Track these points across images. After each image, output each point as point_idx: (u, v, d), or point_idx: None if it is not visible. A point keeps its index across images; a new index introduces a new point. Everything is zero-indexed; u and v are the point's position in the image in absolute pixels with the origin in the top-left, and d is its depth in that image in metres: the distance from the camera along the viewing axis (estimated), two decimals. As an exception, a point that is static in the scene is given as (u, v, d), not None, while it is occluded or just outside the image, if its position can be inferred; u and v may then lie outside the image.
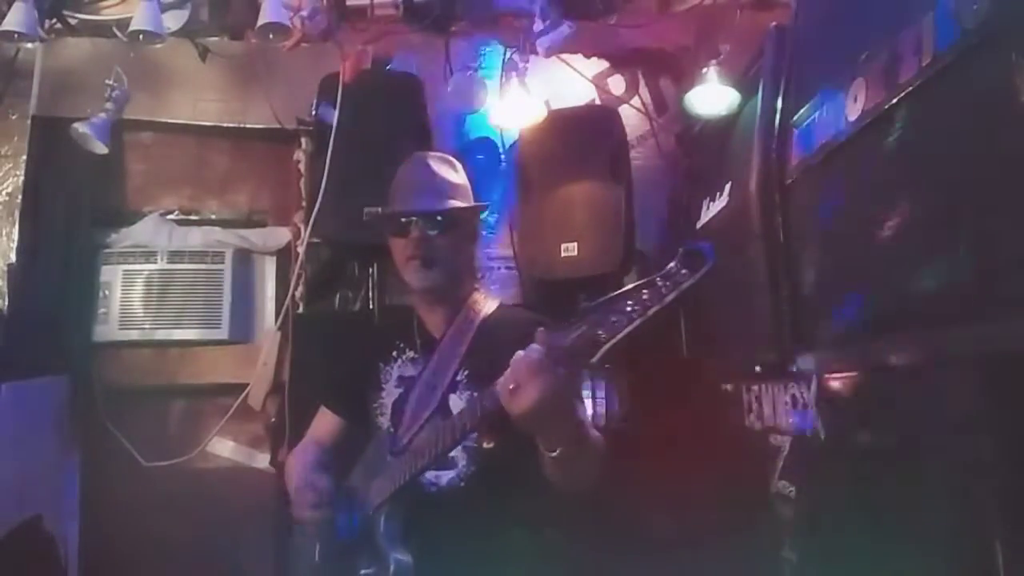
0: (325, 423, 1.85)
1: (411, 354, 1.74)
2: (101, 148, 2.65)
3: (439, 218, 1.67)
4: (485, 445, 1.57)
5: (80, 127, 2.58)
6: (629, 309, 1.14)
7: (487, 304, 1.76)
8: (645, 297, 1.14)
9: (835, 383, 1.65)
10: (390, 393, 1.72)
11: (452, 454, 1.56)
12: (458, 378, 1.62)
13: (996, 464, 1.17)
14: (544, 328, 1.26)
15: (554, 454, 1.35)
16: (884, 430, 1.47)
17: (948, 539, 1.27)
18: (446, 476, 1.60)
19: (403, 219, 1.68)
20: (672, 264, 1.16)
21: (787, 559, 1.82)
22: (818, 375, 1.70)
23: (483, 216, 1.89)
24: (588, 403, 1.61)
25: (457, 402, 1.60)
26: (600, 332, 1.16)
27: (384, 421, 1.69)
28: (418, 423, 1.59)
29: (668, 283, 1.14)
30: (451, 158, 1.86)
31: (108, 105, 2.63)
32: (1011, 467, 1.14)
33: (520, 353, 1.26)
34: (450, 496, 1.59)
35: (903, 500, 1.41)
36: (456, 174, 1.78)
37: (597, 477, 1.49)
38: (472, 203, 1.79)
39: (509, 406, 1.25)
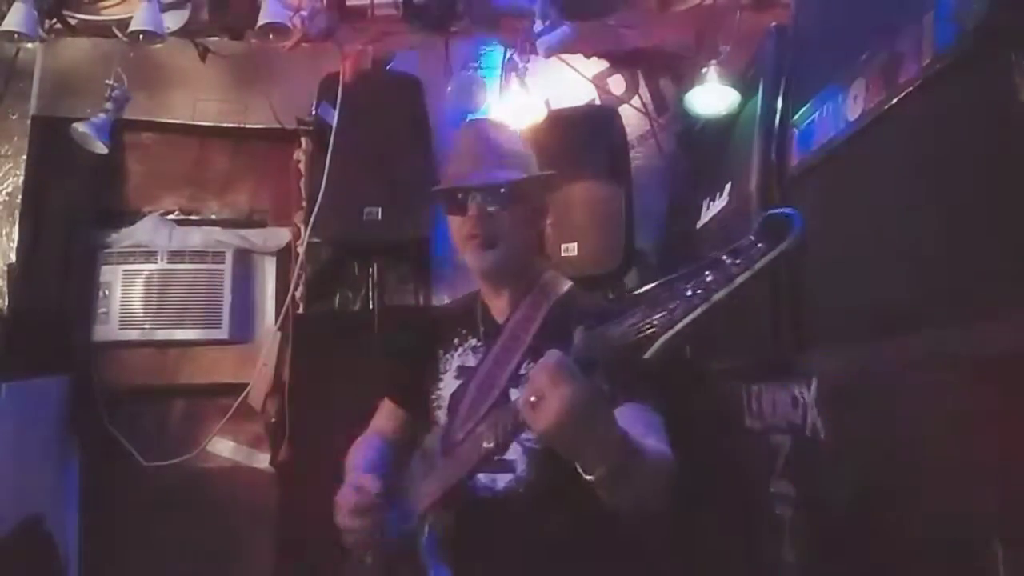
0: (386, 415, 1.73)
1: (473, 342, 1.57)
2: (101, 148, 2.65)
3: (501, 191, 1.48)
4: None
5: (80, 127, 2.59)
6: (690, 294, 0.91)
7: (558, 286, 1.57)
8: (709, 279, 0.91)
9: (835, 383, 1.65)
10: (448, 384, 1.56)
11: (510, 456, 1.37)
12: (521, 371, 1.42)
13: (994, 465, 1.17)
14: (584, 327, 1.06)
15: (592, 477, 1.10)
16: (884, 430, 1.47)
17: (947, 539, 1.27)
18: (503, 480, 1.42)
19: (460, 194, 1.50)
20: (746, 237, 0.92)
21: (786, 560, 1.81)
22: (818, 375, 1.70)
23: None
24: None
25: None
26: (655, 322, 0.94)
27: (441, 415, 1.54)
28: (475, 419, 1.39)
29: (739, 261, 0.90)
30: (507, 124, 1.70)
31: (108, 105, 2.64)
32: (1008, 468, 1.14)
33: (542, 360, 1.06)
34: (505, 503, 1.41)
35: (902, 501, 1.41)
36: (518, 141, 1.61)
37: (662, 496, 1.25)
38: (537, 172, 1.59)
39: (532, 423, 1.06)
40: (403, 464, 1.60)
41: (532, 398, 1.05)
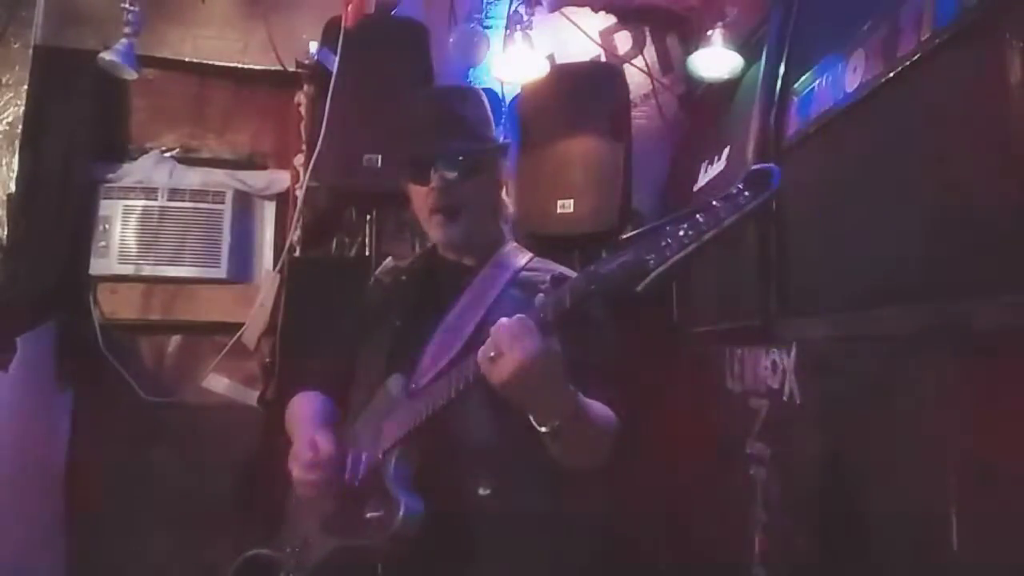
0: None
1: (428, 301, 1.56)
2: (131, 74, 2.62)
3: (461, 161, 1.50)
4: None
5: (106, 56, 2.54)
6: (682, 234, 1.00)
7: (518, 256, 1.61)
8: (700, 221, 1.00)
9: (815, 351, 1.69)
10: (402, 338, 1.55)
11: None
12: (482, 328, 1.39)
13: (957, 436, 1.21)
14: (544, 294, 1.16)
15: (545, 429, 1.22)
16: (857, 399, 1.51)
17: (908, 505, 1.32)
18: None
19: (421, 165, 1.51)
20: (734, 187, 1.01)
21: (757, 517, 1.87)
22: (798, 343, 1.74)
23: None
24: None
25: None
26: (648, 258, 1.02)
27: (397, 364, 1.51)
28: (437, 368, 1.43)
29: (728, 206, 1.00)
30: (470, 88, 1.71)
31: (127, 30, 2.57)
32: (971, 439, 1.18)
33: (503, 320, 1.16)
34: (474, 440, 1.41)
35: (869, 467, 1.46)
36: (477, 108, 1.61)
37: (605, 455, 1.35)
38: (497, 140, 1.64)
39: (490, 376, 1.16)
40: (351, 413, 1.59)
41: (491, 353, 1.14)
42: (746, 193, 1.00)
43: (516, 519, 1.39)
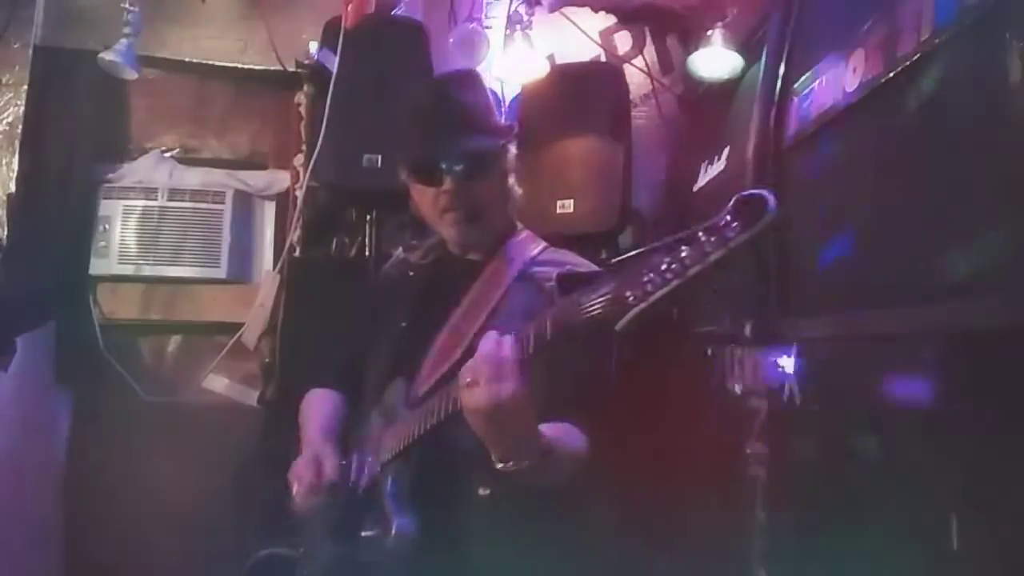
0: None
1: (433, 298, 1.52)
2: (131, 74, 2.63)
3: (479, 161, 1.42)
4: None
5: (107, 56, 2.55)
6: (664, 268, 0.91)
7: (531, 246, 1.53)
8: (684, 255, 0.89)
9: (815, 352, 1.69)
10: (408, 339, 1.51)
11: None
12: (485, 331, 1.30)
13: (959, 436, 1.20)
14: (557, 307, 1.06)
15: (501, 467, 1.15)
16: (857, 400, 1.51)
17: (912, 508, 1.32)
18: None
19: (429, 164, 1.42)
20: (722, 216, 0.89)
21: (758, 518, 1.87)
22: (799, 343, 1.73)
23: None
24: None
25: None
26: (629, 294, 0.93)
27: (402, 366, 1.49)
28: (437, 375, 1.39)
29: (713, 239, 0.88)
30: (470, 73, 1.63)
31: (127, 30, 2.58)
32: (972, 440, 1.18)
33: (492, 337, 1.10)
34: (469, 454, 1.30)
35: (870, 468, 1.45)
36: (480, 94, 1.53)
37: (563, 483, 1.28)
38: (503, 128, 1.53)
39: (462, 399, 1.11)
40: (359, 413, 1.57)
41: (468, 378, 1.09)
42: (735, 225, 0.88)
43: (516, 519, 1.38)
